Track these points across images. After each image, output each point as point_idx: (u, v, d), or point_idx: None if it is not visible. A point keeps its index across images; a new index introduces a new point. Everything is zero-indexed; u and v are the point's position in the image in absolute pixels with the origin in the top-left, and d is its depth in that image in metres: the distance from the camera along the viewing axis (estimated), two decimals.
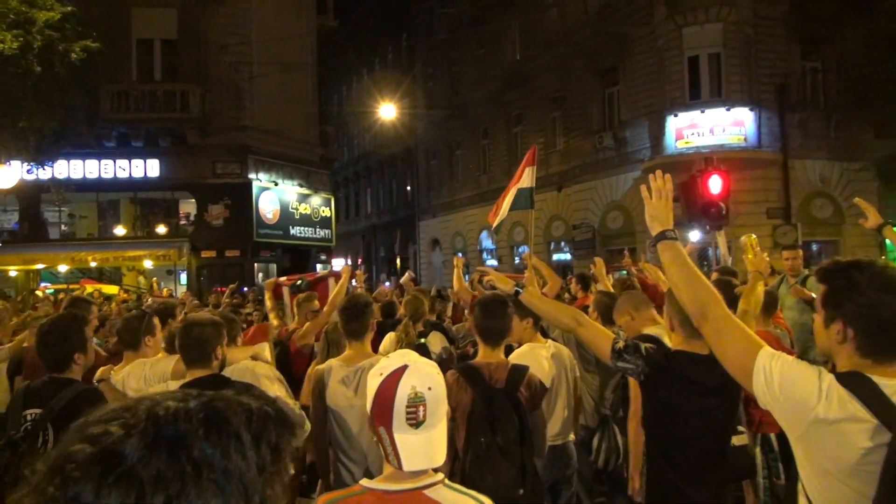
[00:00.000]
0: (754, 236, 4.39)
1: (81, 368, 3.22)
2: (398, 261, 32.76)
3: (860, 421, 1.68)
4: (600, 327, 3.00)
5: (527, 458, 3.21)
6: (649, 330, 3.86)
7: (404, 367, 1.75)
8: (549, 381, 4.18)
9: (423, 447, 1.71)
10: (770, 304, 5.23)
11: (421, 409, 1.71)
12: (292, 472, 0.82)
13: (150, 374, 3.64)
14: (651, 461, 2.96)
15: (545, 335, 4.51)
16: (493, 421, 3.16)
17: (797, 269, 6.94)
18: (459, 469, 3.21)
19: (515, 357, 4.01)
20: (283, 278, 7.43)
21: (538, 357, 4.12)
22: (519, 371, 3.41)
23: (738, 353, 1.90)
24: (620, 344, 2.80)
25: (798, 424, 1.78)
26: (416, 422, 1.70)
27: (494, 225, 7.42)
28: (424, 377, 1.74)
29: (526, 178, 6.75)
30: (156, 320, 4.10)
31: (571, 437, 4.30)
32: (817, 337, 1.95)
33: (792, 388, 1.77)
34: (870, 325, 1.77)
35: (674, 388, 2.81)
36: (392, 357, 1.85)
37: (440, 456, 1.74)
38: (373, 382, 1.77)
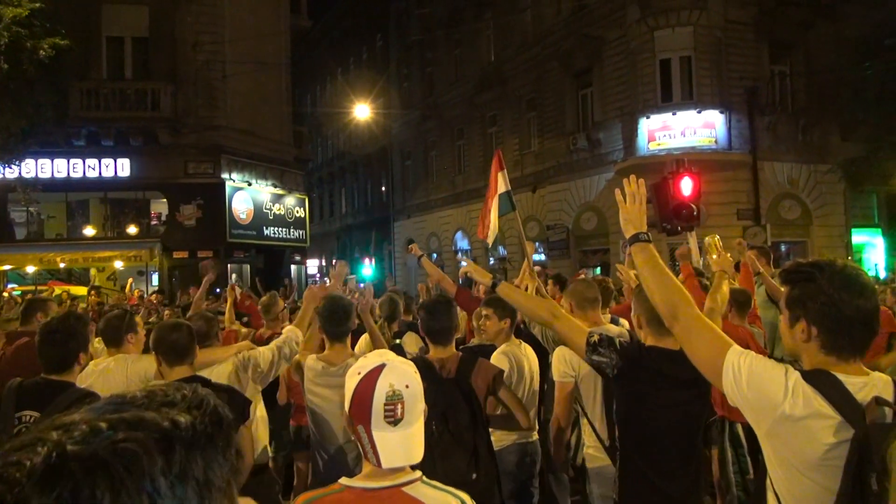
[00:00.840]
0: (717, 237, 4.47)
1: (80, 370, 3.19)
2: (373, 261, 32.66)
3: (824, 417, 1.74)
4: (576, 322, 3.02)
5: (479, 444, 3.27)
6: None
7: (382, 366, 1.77)
8: (532, 380, 4.26)
9: (402, 444, 1.73)
10: (744, 303, 5.36)
11: (399, 406, 1.72)
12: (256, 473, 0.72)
13: (131, 372, 3.65)
14: (624, 455, 2.99)
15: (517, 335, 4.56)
16: (444, 409, 3.21)
17: (757, 268, 7.14)
18: None
19: (497, 359, 4.05)
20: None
21: (519, 357, 4.19)
22: (470, 360, 3.49)
23: (708, 351, 1.96)
24: (595, 338, 2.83)
25: (765, 420, 1.83)
26: (394, 419, 1.72)
27: (490, 240, 7.39)
28: (402, 375, 1.76)
29: (501, 183, 6.79)
30: (137, 318, 4.12)
31: (535, 435, 4.38)
32: (783, 336, 2.01)
33: (759, 385, 1.82)
34: (832, 323, 1.83)
35: (647, 382, 2.85)
36: (369, 356, 1.86)
37: (418, 453, 1.76)
38: (351, 381, 1.78)
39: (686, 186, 10.42)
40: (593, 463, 3.82)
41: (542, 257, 22.24)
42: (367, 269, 27.17)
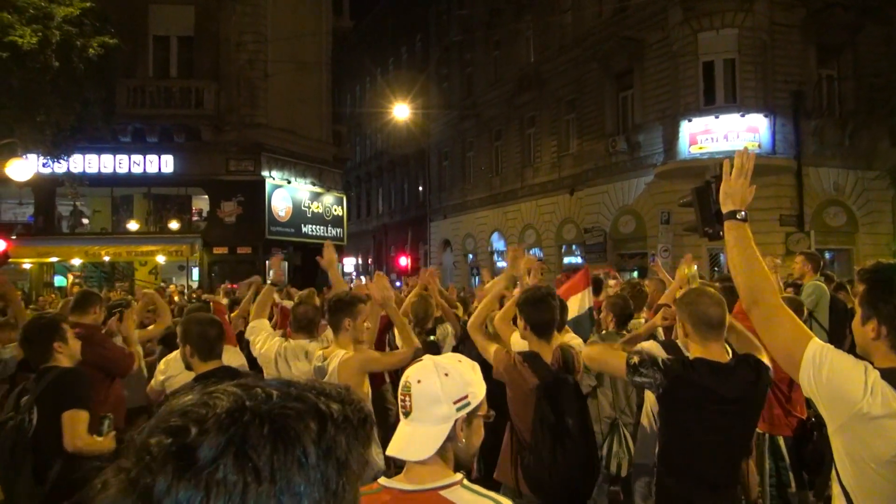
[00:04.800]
0: (695, 268, 4.38)
1: (66, 356, 3.52)
2: (409, 261, 32.78)
3: None
4: (608, 349, 3.05)
5: (590, 433, 3.41)
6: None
7: (417, 359, 1.85)
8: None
9: (405, 437, 1.75)
10: (797, 311, 5.27)
11: (407, 399, 1.77)
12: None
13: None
14: (663, 469, 2.93)
15: None
16: (559, 402, 3.33)
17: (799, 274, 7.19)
18: (531, 450, 3.35)
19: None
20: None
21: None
22: (567, 351, 3.57)
23: (788, 341, 1.98)
24: (635, 359, 2.81)
25: (839, 415, 1.84)
26: (405, 410, 1.78)
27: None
28: (419, 370, 1.79)
29: (577, 300, 5.35)
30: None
31: None
32: (855, 333, 2.03)
33: (839, 380, 1.83)
34: None
35: (693, 400, 2.78)
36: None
37: (417, 453, 1.72)
38: None
39: None
40: None
41: (579, 260, 22.11)
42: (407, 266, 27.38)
